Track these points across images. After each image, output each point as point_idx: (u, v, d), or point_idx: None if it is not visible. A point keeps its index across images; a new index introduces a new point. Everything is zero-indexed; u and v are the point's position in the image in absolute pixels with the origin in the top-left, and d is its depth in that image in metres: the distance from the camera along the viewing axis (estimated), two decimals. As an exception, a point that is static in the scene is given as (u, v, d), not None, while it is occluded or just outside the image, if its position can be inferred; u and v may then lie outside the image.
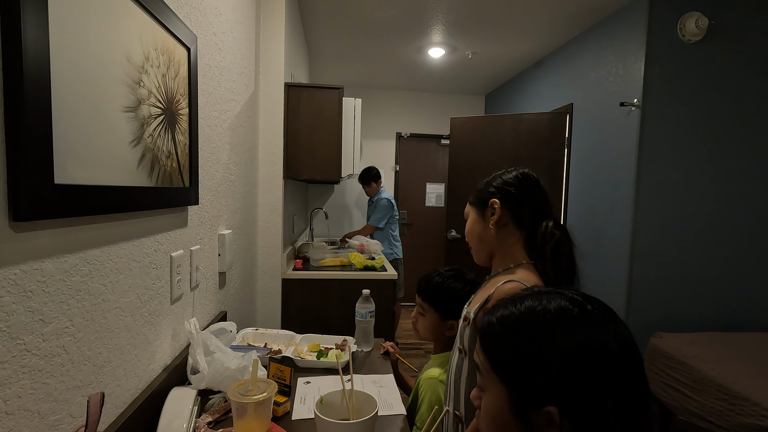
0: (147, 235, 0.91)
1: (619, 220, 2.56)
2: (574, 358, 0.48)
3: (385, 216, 3.47)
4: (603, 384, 0.48)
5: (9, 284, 0.53)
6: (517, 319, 0.54)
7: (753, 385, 1.76)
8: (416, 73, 4.12)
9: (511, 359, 0.52)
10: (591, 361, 0.48)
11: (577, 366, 0.48)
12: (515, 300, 0.56)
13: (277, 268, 2.24)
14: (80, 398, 0.68)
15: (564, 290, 0.56)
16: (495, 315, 0.56)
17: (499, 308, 0.57)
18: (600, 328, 0.50)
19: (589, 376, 0.48)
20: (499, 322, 0.55)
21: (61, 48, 0.59)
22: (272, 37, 2.14)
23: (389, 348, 1.42)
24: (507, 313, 0.55)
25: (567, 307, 0.52)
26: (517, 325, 0.53)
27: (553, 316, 0.52)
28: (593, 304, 0.53)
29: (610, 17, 2.71)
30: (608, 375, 0.48)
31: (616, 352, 0.49)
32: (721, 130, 2.45)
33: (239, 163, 1.74)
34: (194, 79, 1.13)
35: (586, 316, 0.52)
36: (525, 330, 0.52)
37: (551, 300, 0.54)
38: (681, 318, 2.48)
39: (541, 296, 0.55)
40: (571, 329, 0.50)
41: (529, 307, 0.54)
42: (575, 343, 0.49)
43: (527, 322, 0.53)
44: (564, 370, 0.48)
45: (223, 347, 1.11)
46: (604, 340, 0.49)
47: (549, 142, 3.14)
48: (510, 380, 0.52)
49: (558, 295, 0.54)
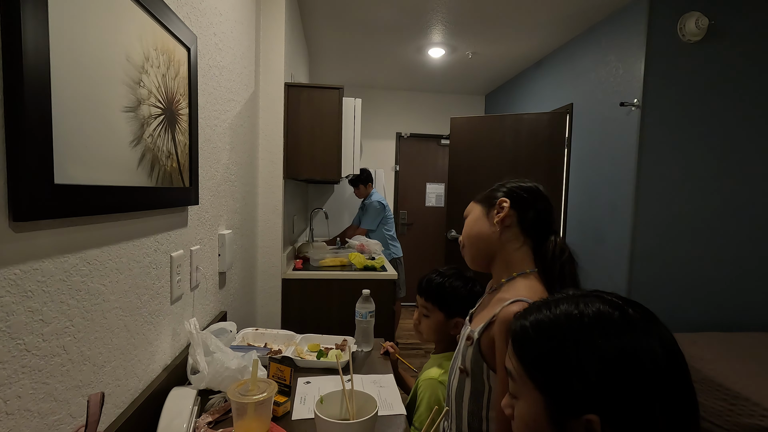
0: (147, 235, 0.91)
1: (619, 220, 2.56)
2: (617, 363, 0.46)
3: (376, 218, 3.46)
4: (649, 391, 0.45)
5: (9, 284, 0.53)
6: (553, 323, 0.52)
7: (753, 385, 1.76)
8: (416, 73, 4.12)
9: (548, 364, 0.50)
10: (635, 367, 0.46)
11: (621, 372, 0.46)
12: (549, 303, 0.54)
13: (277, 268, 2.24)
14: (80, 398, 0.68)
15: (602, 293, 0.54)
16: (528, 319, 0.54)
17: (532, 312, 0.55)
18: (643, 332, 0.48)
19: (634, 383, 0.45)
20: (533, 326, 0.53)
21: (61, 48, 0.59)
22: (272, 37, 2.14)
23: (389, 348, 1.42)
24: (541, 317, 0.53)
25: (607, 311, 0.50)
26: (553, 329, 0.51)
27: (592, 320, 0.49)
28: (634, 307, 0.51)
29: (610, 17, 2.71)
30: (654, 381, 0.46)
31: (661, 357, 0.47)
32: (721, 130, 2.45)
33: (239, 163, 1.74)
34: (194, 79, 1.13)
35: (627, 320, 0.49)
36: (562, 334, 0.50)
37: (589, 303, 0.51)
38: (681, 318, 2.48)
39: (577, 300, 0.53)
40: (612, 333, 0.48)
41: (565, 311, 0.52)
42: (618, 348, 0.47)
43: (564, 327, 0.51)
44: (606, 376, 0.46)
45: (223, 347, 1.11)
46: (649, 344, 0.47)
47: (549, 142, 3.14)
48: (547, 386, 0.49)
49: (596, 299, 0.52)
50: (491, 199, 0.93)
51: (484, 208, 0.94)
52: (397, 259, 3.53)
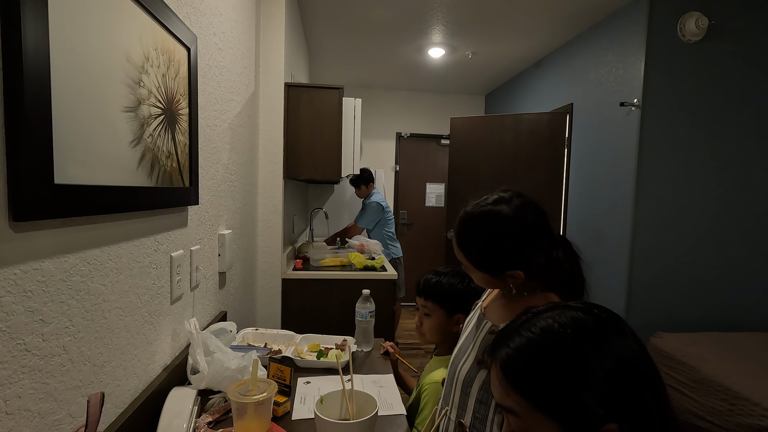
0: (147, 235, 0.91)
1: (619, 220, 2.56)
2: (615, 370, 0.47)
3: (374, 219, 3.46)
4: (643, 388, 0.48)
5: (9, 284, 0.53)
6: (538, 343, 0.51)
7: (753, 385, 1.76)
8: (416, 73, 4.12)
9: (551, 388, 0.48)
10: (628, 370, 0.48)
11: (620, 377, 0.47)
12: (524, 324, 0.53)
13: (277, 268, 2.24)
14: (80, 398, 0.68)
15: (564, 302, 0.55)
16: (511, 346, 0.52)
17: (512, 338, 0.53)
18: (619, 332, 0.50)
19: (632, 384, 0.47)
20: (520, 352, 0.51)
21: (61, 48, 0.59)
22: (272, 37, 2.14)
23: (389, 348, 1.42)
24: (524, 340, 0.52)
25: (580, 317, 0.51)
26: (541, 350, 0.50)
27: (575, 331, 0.50)
28: (598, 308, 0.53)
29: (610, 17, 2.71)
30: (642, 378, 0.48)
31: (639, 352, 0.49)
32: (721, 130, 2.45)
33: (239, 163, 1.74)
34: (194, 79, 1.13)
35: (600, 323, 0.51)
36: (552, 353, 0.50)
37: (562, 314, 0.52)
38: (681, 318, 2.48)
39: (549, 314, 0.53)
40: (598, 342, 0.49)
41: (544, 328, 0.51)
42: (610, 356, 0.48)
43: (550, 344, 0.50)
44: (611, 384, 0.47)
45: (223, 347, 1.11)
46: (629, 344, 0.49)
47: (549, 142, 3.14)
48: (558, 411, 0.48)
49: (565, 308, 0.53)
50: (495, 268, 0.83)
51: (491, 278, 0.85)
52: (396, 260, 3.53)
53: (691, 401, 1.95)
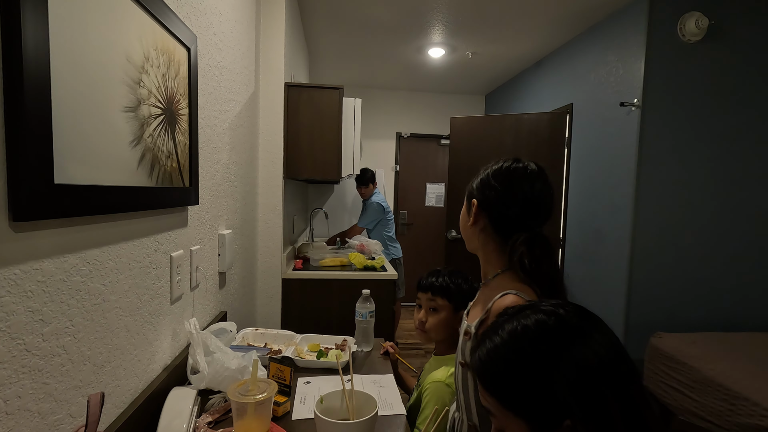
0: (147, 235, 0.91)
1: (619, 220, 2.56)
2: (573, 371, 0.49)
3: (375, 219, 3.46)
4: (602, 389, 0.48)
5: (9, 284, 0.53)
6: (503, 347, 0.53)
7: (753, 385, 1.76)
8: (416, 73, 4.12)
9: (516, 390, 0.52)
10: (587, 371, 0.49)
11: (578, 378, 0.48)
12: (495, 329, 0.56)
13: (277, 268, 2.24)
14: (80, 398, 0.68)
15: (536, 303, 0.57)
16: (483, 351, 0.56)
17: (484, 342, 0.56)
18: (582, 333, 0.51)
19: (590, 385, 0.48)
20: (489, 356, 0.55)
21: (61, 48, 0.59)
22: (272, 37, 2.14)
23: (389, 348, 1.42)
24: (492, 345, 0.55)
25: (543, 320, 0.53)
26: (506, 354, 0.53)
27: (536, 333, 0.52)
28: (566, 308, 0.54)
29: (610, 17, 2.71)
30: (603, 382, 0.49)
31: (605, 357, 0.50)
32: (721, 130, 2.45)
33: (239, 163, 1.74)
34: (194, 79, 1.13)
35: (562, 323, 0.52)
36: (515, 357, 0.52)
37: (527, 317, 0.54)
38: (681, 318, 2.48)
39: (517, 316, 0.55)
40: (556, 342, 0.51)
41: (510, 331, 0.54)
42: (569, 360, 0.49)
43: (513, 348, 0.53)
44: (569, 385, 0.48)
45: (223, 347, 1.11)
46: (593, 349, 0.50)
47: (549, 142, 3.14)
48: (524, 411, 0.51)
49: (531, 310, 0.55)
50: (469, 194, 0.92)
51: (466, 203, 0.93)
52: (396, 260, 3.53)
53: (691, 401, 1.95)
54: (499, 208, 0.86)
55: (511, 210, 0.85)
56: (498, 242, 0.87)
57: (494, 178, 0.87)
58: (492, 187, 0.87)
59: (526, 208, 0.85)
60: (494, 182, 0.87)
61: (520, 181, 0.86)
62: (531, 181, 0.86)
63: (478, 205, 0.88)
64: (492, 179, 0.87)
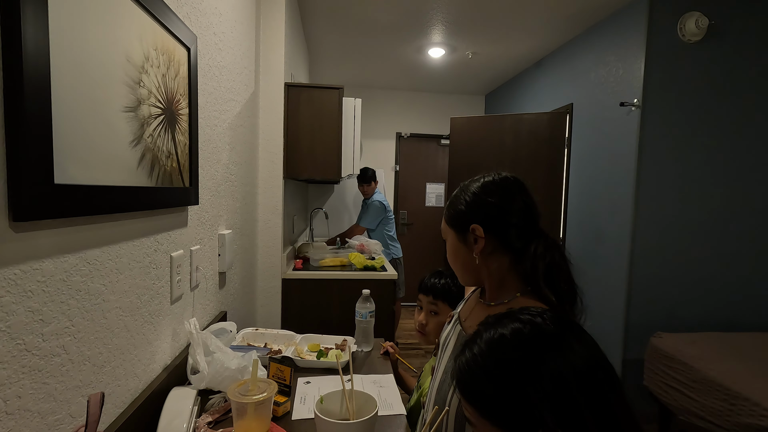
0: (147, 235, 0.91)
1: (619, 220, 2.56)
2: (547, 382, 0.49)
3: (376, 218, 3.47)
4: (576, 404, 0.48)
5: (9, 284, 0.53)
6: (481, 357, 0.53)
7: (753, 385, 1.76)
8: (416, 73, 4.12)
9: (493, 400, 0.52)
10: (561, 382, 0.48)
11: (552, 390, 0.48)
12: (475, 338, 0.56)
13: (277, 268, 2.24)
14: (80, 398, 0.68)
15: (517, 310, 0.56)
16: (462, 360, 0.55)
17: (464, 352, 0.56)
18: (558, 343, 0.51)
19: (564, 400, 0.48)
20: (468, 366, 0.54)
21: (61, 48, 0.59)
22: (272, 37, 2.14)
23: (389, 348, 1.42)
24: (470, 355, 0.55)
25: (518, 329, 0.53)
26: (484, 364, 0.53)
27: (511, 343, 0.52)
28: (543, 316, 0.54)
29: (610, 17, 2.71)
30: (578, 394, 0.48)
31: (582, 368, 0.49)
32: (721, 130, 2.45)
33: (239, 163, 1.74)
34: (194, 79, 1.13)
35: (538, 332, 0.52)
36: (492, 367, 0.52)
37: (504, 325, 0.54)
38: (681, 318, 2.48)
39: (495, 325, 0.55)
40: (531, 352, 0.51)
41: (487, 340, 0.54)
42: (544, 372, 0.49)
43: (490, 358, 0.53)
44: (542, 397, 0.48)
45: (223, 347, 1.11)
46: (569, 360, 0.50)
47: (549, 142, 3.14)
48: (500, 421, 0.51)
49: (509, 319, 0.55)
50: (461, 223, 0.81)
51: (459, 235, 0.82)
52: (396, 260, 3.53)
53: (691, 401, 1.95)
54: (507, 220, 0.79)
55: (516, 221, 0.80)
56: (511, 259, 0.79)
57: (488, 195, 0.81)
58: (490, 204, 0.80)
59: (528, 212, 0.81)
60: (491, 198, 0.80)
61: (511, 188, 0.82)
62: (520, 186, 0.83)
63: (484, 227, 0.78)
64: (486, 196, 0.81)
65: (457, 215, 0.83)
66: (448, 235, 0.85)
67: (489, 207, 0.80)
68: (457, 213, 0.83)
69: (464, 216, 0.81)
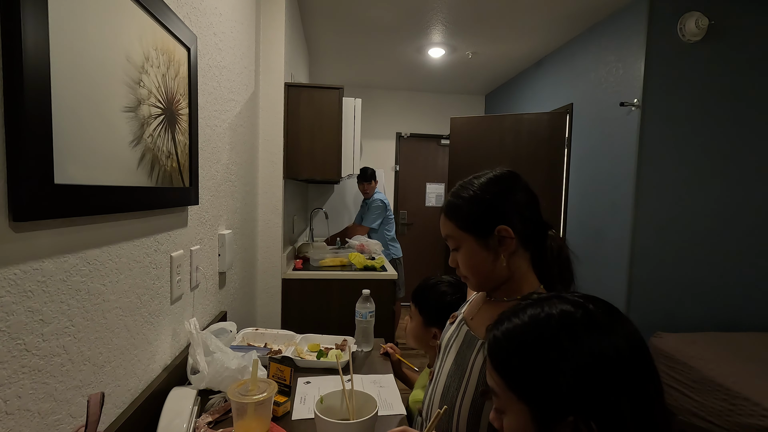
0: (147, 235, 0.91)
1: (619, 220, 2.56)
2: (586, 364, 0.47)
3: (378, 217, 3.47)
4: (615, 387, 0.47)
5: (9, 284, 0.53)
6: (522, 330, 0.52)
7: (753, 385, 1.76)
8: (416, 73, 4.12)
9: (526, 374, 0.50)
10: (602, 366, 0.47)
11: (590, 372, 0.47)
12: (517, 311, 0.55)
13: (277, 268, 2.24)
14: (80, 398, 0.68)
15: (564, 294, 0.55)
16: (499, 329, 0.54)
17: (502, 322, 0.55)
18: (607, 330, 0.50)
19: (602, 381, 0.47)
20: (505, 336, 0.53)
21: (61, 48, 0.59)
22: (272, 37, 2.14)
23: (388, 350, 1.42)
24: (510, 326, 0.53)
25: (569, 311, 0.51)
26: (524, 337, 0.52)
27: (558, 322, 0.51)
28: (595, 303, 0.52)
29: (610, 17, 2.71)
30: (620, 377, 0.47)
31: (626, 351, 0.48)
32: (721, 130, 2.45)
33: (239, 163, 1.74)
34: (194, 79, 1.13)
35: (589, 317, 0.50)
36: (532, 341, 0.51)
37: (552, 306, 0.52)
38: (681, 318, 2.48)
39: (542, 303, 0.54)
40: (578, 334, 0.49)
41: (531, 316, 0.52)
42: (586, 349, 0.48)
43: (533, 333, 0.51)
44: (579, 378, 0.47)
45: (223, 347, 1.11)
46: (612, 341, 0.49)
47: (549, 142, 3.14)
48: (528, 396, 0.50)
49: (559, 300, 0.53)
50: (483, 226, 0.78)
51: (479, 240, 0.78)
52: (396, 260, 3.53)
53: (691, 401, 1.95)
54: (525, 215, 0.78)
55: (529, 211, 0.79)
56: (529, 256, 0.79)
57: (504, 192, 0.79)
58: (511, 202, 0.78)
59: (536, 203, 0.81)
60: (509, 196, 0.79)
61: (518, 181, 0.82)
62: (520, 178, 0.83)
63: (512, 227, 0.76)
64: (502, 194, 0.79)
65: (474, 219, 0.79)
66: (463, 242, 0.80)
67: (509, 205, 0.78)
68: (472, 216, 0.79)
69: (483, 218, 0.78)
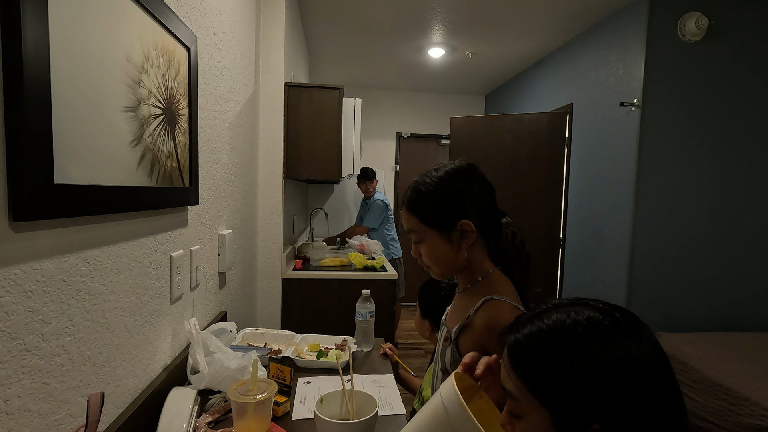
0: (147, 235, 0.91)
1: (619, 220, 2.56)
2: (617, 372, 0.47)
3: (379, 217, 3.47)
4: (647, 395, 0.46)
5: (9, 284, 0.53)
6: (548, 334, 0.51)
7: (753, 385, 1.76)
8: (416, 73, 4.12)
9: (551, 378, 0.49)
10: (634, 374, 0.47)
11: (621, 380, 0.46)
12: (540, 315, 0.54)
13: (277, 268, 2.24)
14: (80, 398, 0.68)
15: (588, 300, 0.54)
16: (522, 332, 0.53)
17: (523, 325, 0.54)
18: (634, 336, 0.49)
19: (634, 389, 0.46)
20: (528, 340, 0.52)
21: (61, 48, 0.59)
22: (272, 37, 2.14)
23: (387, 351, 1.42)
24: (534, 329, 0.52)
25: (597, 318, 0.50)
26: (550, 341, 0.51)
27: (586, 329, 0.50)
28: (620, 312, 0.52)
29: (610, 17, 2.71)
30: (651, 385, 0.47)
31: (653, 359, 0.48)
32: (721, 130, 2.45)
33: (239, 163, 1.74)
34: (194, 79, 1.13)
35: (617, 325, 0.50)
36: (559, 345, 0.50)
37: (579, 312, 0.51)
38: (681, 318, 2.48)
39: (567, 308, 0.53)
40: (608, 342, 0.48)
41: (557, 321, 0.51)
42: (616, 356, 0.47)
43: (560, 337, 0.50)
44: (608, 386, 0.46)
45: (223, 347, 1.11)
46: (642, 349, 0.48)
47: (549, 142, 3.14)
48: (553, 401, 0.49)
49: (585, 306, 0.53)
50: (445, 221, 0.81)
51: (441, 234, 0.82)
52: (396, 260, 3.53)
53: (691, 401, 1.95)
54: (484, 207, 0.83)
55: (484, 202, 0.83)
56: (484, 244, 0.85)
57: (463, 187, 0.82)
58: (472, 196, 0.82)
59: (492, 193, 0.85)
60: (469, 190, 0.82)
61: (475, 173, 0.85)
62: (476, 168, 0.86)
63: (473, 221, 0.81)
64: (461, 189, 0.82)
65: (437, 215, 0.82)
66: (426, 235, 0.84)
67: (470, 200, 0.82)
68: (435, 212, 0.82)
69: (446, 214, 0.81)
